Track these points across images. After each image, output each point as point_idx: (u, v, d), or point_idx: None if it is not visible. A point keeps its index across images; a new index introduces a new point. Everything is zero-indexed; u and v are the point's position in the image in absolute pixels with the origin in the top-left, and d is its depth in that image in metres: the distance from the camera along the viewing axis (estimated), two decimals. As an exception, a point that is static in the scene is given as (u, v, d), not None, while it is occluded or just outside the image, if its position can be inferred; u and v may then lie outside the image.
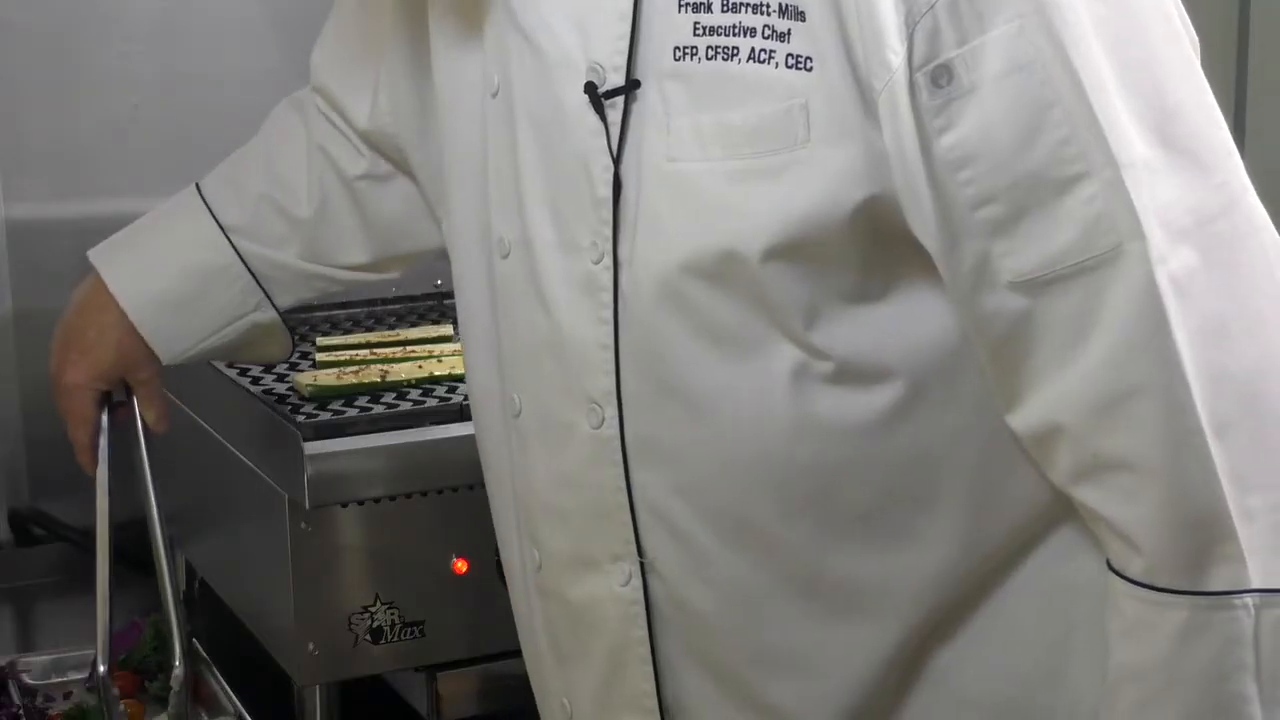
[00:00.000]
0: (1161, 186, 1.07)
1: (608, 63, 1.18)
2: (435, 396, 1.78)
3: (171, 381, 2.03)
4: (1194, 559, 1.10)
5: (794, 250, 1.13)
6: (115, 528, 2.33)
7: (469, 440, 1.70)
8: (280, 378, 1.89)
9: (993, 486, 1.20)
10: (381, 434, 1.68)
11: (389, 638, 1.68)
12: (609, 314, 1.21)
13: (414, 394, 1.79)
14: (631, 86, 1.18)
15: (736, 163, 1.14)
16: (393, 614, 1.68)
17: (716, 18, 1.14)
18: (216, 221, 1.60)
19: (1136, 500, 1.10)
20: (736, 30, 1.13)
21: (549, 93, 1.22)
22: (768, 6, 1.11)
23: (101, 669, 1.64)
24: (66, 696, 1.92)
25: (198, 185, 1.64)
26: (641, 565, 1.25)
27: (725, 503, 1.22)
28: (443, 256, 1.47)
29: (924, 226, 1.10)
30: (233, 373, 1.91)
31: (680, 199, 1.16)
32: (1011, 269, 1.08)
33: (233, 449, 1.82)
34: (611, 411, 1.22)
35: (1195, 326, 1.07)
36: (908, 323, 1.16)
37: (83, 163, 2.35)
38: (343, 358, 1.95)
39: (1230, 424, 1.08)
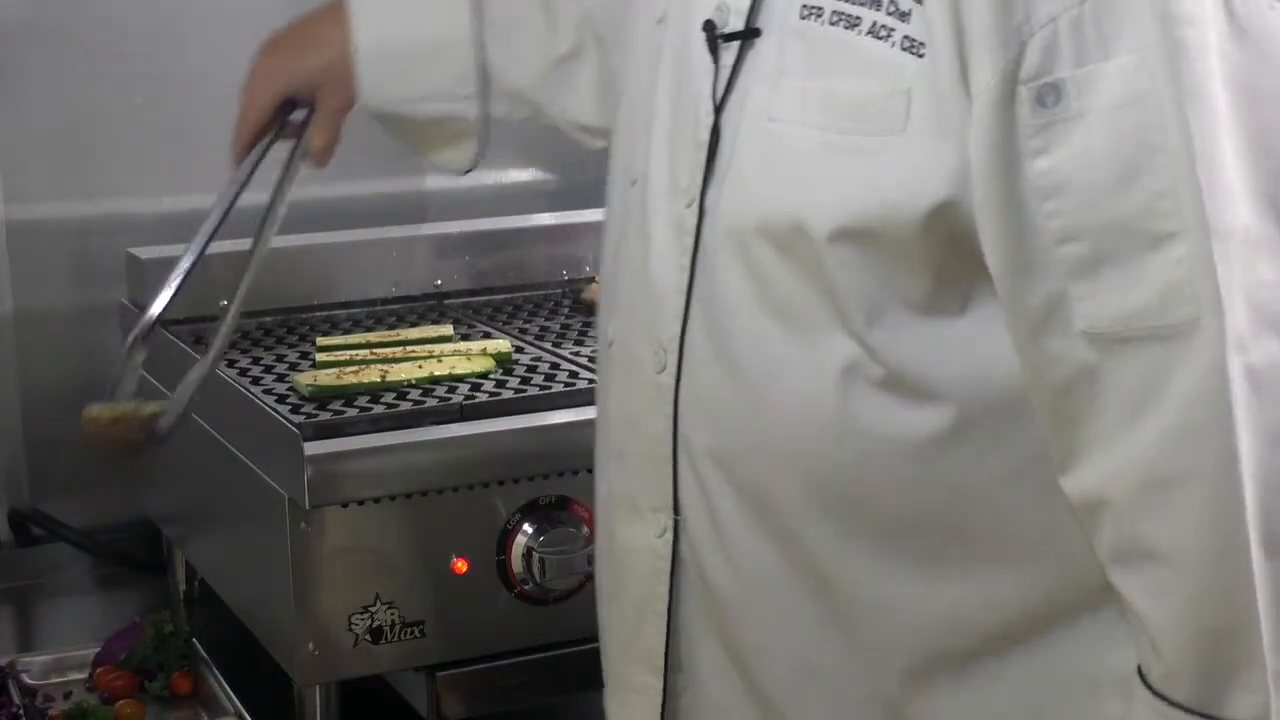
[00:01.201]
0: (1263, 265, 1.01)
1: (734, 5, 1.17)
2: (435, 396, 1.78)
3: (170, 381, 2.03)
4: (1213, 677, 1.04)
5: (862, 238, 1.10)
6: (113, 527, 2.35)
7: (469, 440, 1.70)
8: (280, 378, 1.89)
9: (1034, 545, 1.14)
10: (381, 434, 1.68)
11: (389, 638, 1.68)
12: (688, 260, 1.20)
13: (414, 394, 1.79)
14: (750, 34, 1.16)
15: (833, 135, 1.11)
16: (393, 614, 1.68)
17: None
18: (480, 7, 1.57)
19: (1165, 597, 1.05)
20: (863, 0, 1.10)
21: (689, 28, 1.22)
22: None
23: (135, 336, 1.59)
24: (66, 696, 1.92)
25: None
26: (676, 523, 1.25)
27: (754, 481, 1.20)
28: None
29: (995, 247, 1.05)
30: (233, 373, 1.91)
31: (769, 159, 1.15)
32: (1087, 316, 1.03)
33: (233, 449, 1.82)
34: (673, 359, 1.22)
35: (1269, 426, 1.01)
36: (974, 350, 1.11)
37: (83, 163, 2.35)
38: (343, 358, 1.95)
39: None
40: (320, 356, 1.98)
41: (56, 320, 2.35)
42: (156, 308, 1.58)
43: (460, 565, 1.70)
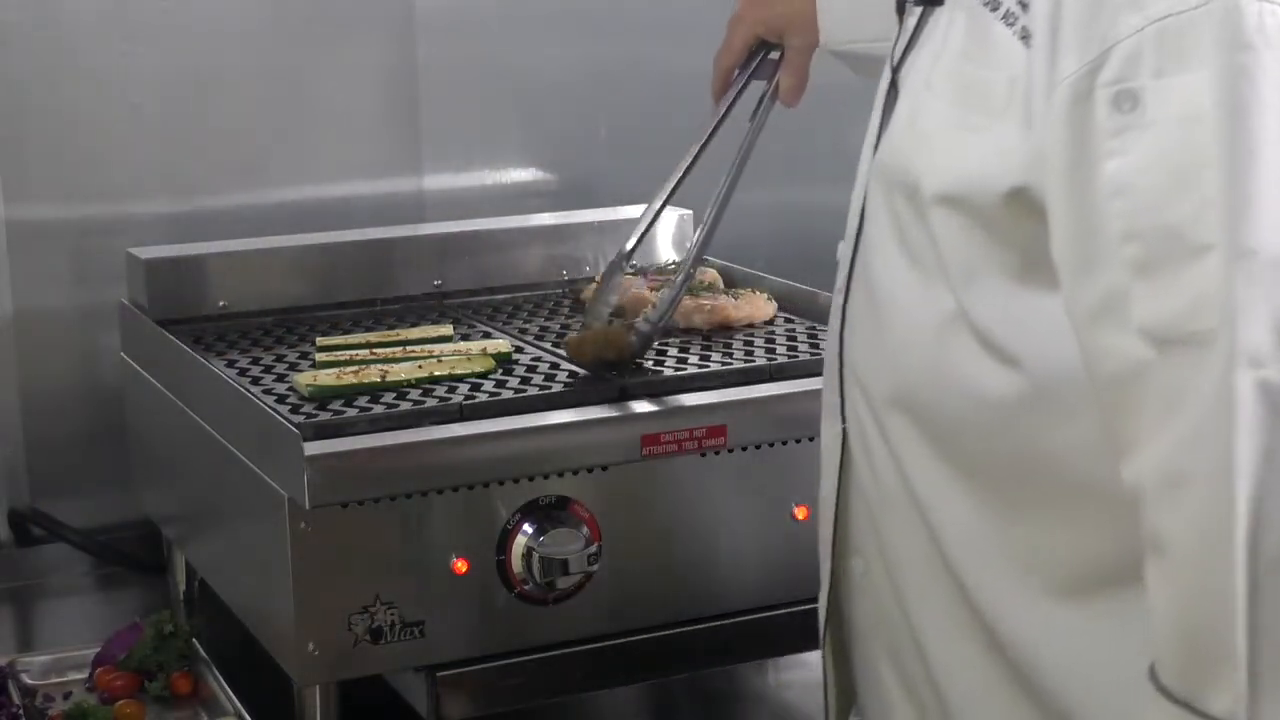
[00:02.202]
0: None
1: None
2: (435, 396, 1.78)
3: (171, 380, 2.04)
4: (1195, 671, 1.09)
5: (959, 205, 1.21)
6: (113, 527, 2.35)
7: (469, 440, 1.70)
8: (280, 378, 1.89)
9: (1102, 510, 1.20)
10: (381, 434, 1.68)
11: (389, 638, 1.68)
12: (862, 195, 1.37)
13: (414, 394, 1.79)
14: (931, 1, 1.29)
15: (953, 108, 1.22)
16: (393, 614, 1.68)
17: None
18: None
19: (1162, 588, 1.11)
20: None
21: None
22: None
23: (612, 265, 1.93)
24: (66, 696, 1.91)
25: None
26: (844, 430, 1.42)
27: (877, 400, 1.34)
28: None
29: (1062, 237, 1.13)
30: (232, 373, 1.91)
31: (912, 121, 1.29)
32: (1141, 315, 1.09)
33: (233, 449, 1.82)
34: (844, 282, 1.40)
35: (1272, 445, 1.05)
36: (1059, 328, 1.17)
37: (83, 163, 2.35)
38: (343, 358, 1.94)
39: None
40: (320, 356, 1.98)
41: (56, 320, 2.35)
42: (638, 232, 1.89)
43: (460, 565, 1.70)
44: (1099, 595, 1.23)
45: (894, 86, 1.35)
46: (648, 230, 1.92)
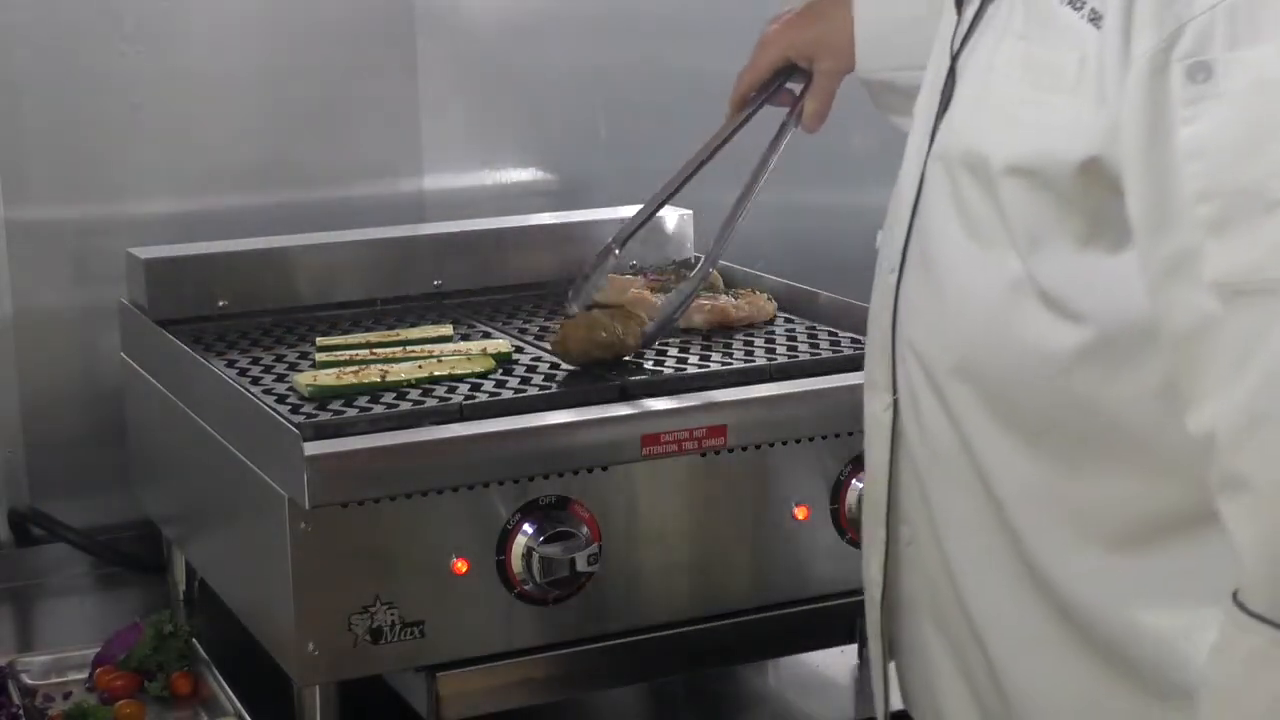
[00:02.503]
0: None
1: None
2: (435, 396, 1.78)
3: (171, 380, 2.04)
4: None
5: (1028, 176, 1.28)
6: (113, 527, 2.35)
7: (469, 440, 1.70)
8: (280, 378, 1.89)
9: (1159, 461, 1.27)
10: (381, 434, 1.68)
11: (389, 638, 1.68)
12: (918, 178, 1.43)
13: (414, 394, 1.79)
14: None
15: (1022, 87, 1.29)
16: (393, 614, 1.68)
17: None
18: None
19: (1250, 520, 1.15)
20: None
21: None
22: None
23: (607, 247, 1.93)
24: (66, 696, 1.91)
25: None
26: (895, 401, 1.47)
27: (935, 370, 1.41)
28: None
29: (1138, 200, 1.19)
30: (232, 373, 1.91)
31: (977, 101, 1.37)
32: (1213, 270, 1.15)
33: (233, 449, 1.82)
34: (898, 261, 1.46)
35: None
36: (1121, 286, 1.24)
37: (83, 163, 2.35)
38: (343, 358, 1.95)
39: None
40: (320, 356, 1.98)
41: (56, 320, 2.35)
42: (632, 225, 1.90)
43: (460, 565, 1.70)
44: (1156, 545, 1.28)
45: (951, 75, 1.40)
46: (640, 227, 1.92)
